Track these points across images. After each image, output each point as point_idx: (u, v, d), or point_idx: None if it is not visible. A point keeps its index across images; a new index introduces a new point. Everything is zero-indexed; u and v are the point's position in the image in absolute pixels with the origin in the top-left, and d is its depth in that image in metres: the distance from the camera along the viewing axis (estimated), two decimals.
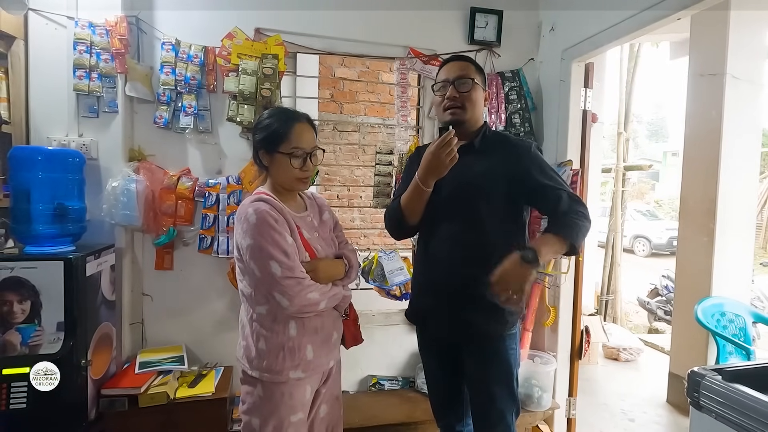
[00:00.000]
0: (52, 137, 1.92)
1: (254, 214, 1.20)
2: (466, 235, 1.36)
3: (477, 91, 1.41)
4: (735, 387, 0.86)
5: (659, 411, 2.85)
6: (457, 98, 1.39)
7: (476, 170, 1.37)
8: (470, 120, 1.42)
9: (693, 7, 1.67)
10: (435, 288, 1.42)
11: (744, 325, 2.53)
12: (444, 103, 1.41)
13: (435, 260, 1.42)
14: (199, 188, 2.10)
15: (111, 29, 1.93)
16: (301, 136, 1.28)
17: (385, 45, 2.36)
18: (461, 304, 1.37)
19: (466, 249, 1.36)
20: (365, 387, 2.44)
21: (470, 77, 1.39)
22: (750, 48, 2.65)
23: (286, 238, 1.21)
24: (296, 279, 1.19)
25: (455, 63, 1.44)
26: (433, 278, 1.44)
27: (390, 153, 2.36)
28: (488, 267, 1.19)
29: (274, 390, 1.24)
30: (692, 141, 2.84)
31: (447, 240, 1.39)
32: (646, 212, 11.78)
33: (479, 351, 1.41)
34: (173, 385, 1.89)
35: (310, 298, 1.21)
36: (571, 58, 2.29)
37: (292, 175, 1.29)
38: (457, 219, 1.38)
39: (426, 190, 1.34)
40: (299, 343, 1.26)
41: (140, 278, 2.12)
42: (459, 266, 1.36)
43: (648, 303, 5.19)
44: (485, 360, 1.40)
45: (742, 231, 2.73)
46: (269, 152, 1.28)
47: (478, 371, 1.42)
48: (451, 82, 1.40)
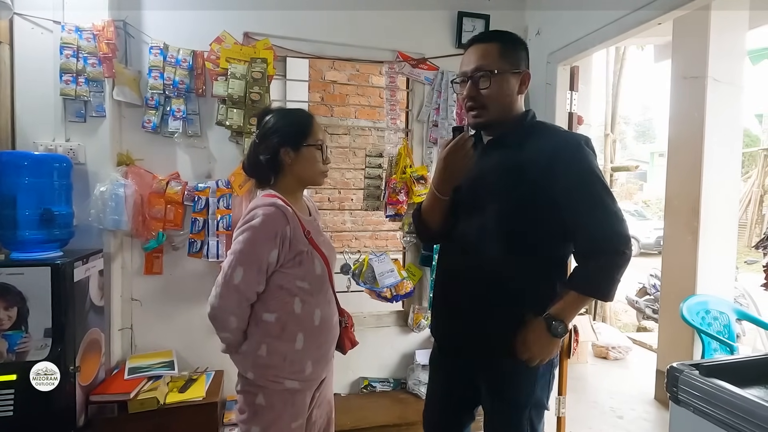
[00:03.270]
0: (39, 142, 1.91)
1: (262, 216, 1.18)
2: (482, 250, 1.16)
3: (503, 81, 1.15)
4: (711, 381, 0.89)
5: (647, 408, 2.89)
6: (477, 97, 1.16)
7: (500, 173, 1.16)
8: (500, 115, 1.18)
9: (673, 12, 1.71)
10: (447, 305, 1.29)
11: (728, 323, 2.58)
12: (465, 102, 1.19)
13: (448, 274, 1.29)
14: (189, 192, 2.10)
15: (98, 33, 1.93)
16: (319, 130, 1.31)
17: (374, 49, 2.38)
18: (471, 329, 1.20)
19: (480, 266, 1.16)
20: (357, 389, 2.45)
21: (490, 69, 1.14)
22: (730, 51, 2.71)
23: (273, 254, 1.18)
24: (242, 296, 1.18)
25: (475, 48, 1.18)
26: (447, 295, 1.28)
27: (380, 156, 2.38)
28: (505, 294, 1.12)
29: (277, 398, 1.23)
30: (676, 142, 2.90)
31: (462, 253, 1.21)
32: (635, 212, 11.92)
33: (496, 379, 1.20)
34: (163, 391, 1.88)
35: (228, 321, 1.20)
36: (556, 62, 2.33)
37: (318, 169, 1.31)
38: (470, 230, 1.19)
39: (443, 198, 1.18)
40: (301, 356, 1.24)
41: (129, 283, 2.11)
42: (471, 285, 1.19)
43: (636, 302, 5.25)
44: (502, 380, 1.19)
45: (726, 230, 2.79)
46: (295, 148, 1.26)
47: (489, 403, 1.23)
48: (469, 76, 1.17)
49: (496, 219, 1.14)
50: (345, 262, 2.30)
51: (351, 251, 2.45)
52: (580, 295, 1.10)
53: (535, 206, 1.11)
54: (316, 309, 1.27)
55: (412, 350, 2.52)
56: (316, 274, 1.27)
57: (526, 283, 1.13)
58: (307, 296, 1.25)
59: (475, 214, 1.18)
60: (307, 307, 1.25)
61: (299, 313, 1.24)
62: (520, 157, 1.14)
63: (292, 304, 1.24)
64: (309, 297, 1.26)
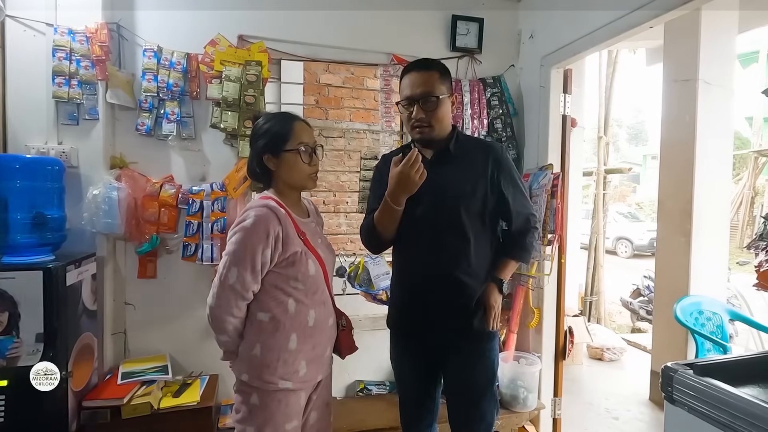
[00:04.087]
0: (31, 145, 1.89)
1: (254, 217, 1.20)
2: (451, 244, 1.38)
3: (443, 104, 1.37)
4: (705, 380, 0.90)
5: (642, 408, 2.90)
6: (424, 118, 1.36)
7: (455, 179, 1.40)
8: (441, 132, 1.41)
9: (664, 15, 1.73)
10: (420, 297, 1.43)
11: (721, 323, 2.60)
12: (411, 121, 1.39)
13: (419, 269, 1.43)
14: (183, 195, 2.09)
15: (91, 36, 1.92)
16: (303, 132, 1.31)
17: (368, 52, 2.39)
18: (448, 312, 1.40)
19: (451, 257, 1.39)
20: (353, 392, 2.44)
21: (434, 95, 1.35)
22: (720, 55, 2.75)
23: (266, 254, 1.20)
24: (237, 296, 1.20)
25: (418, 75, 1.37)
26: (416, 287, 1.44)
27: (375, 158, 2.38)
28: (472, 273, 1.39)
29: (270, 398, 1.23)
30: (668, 144, 2.93)
31: (431, 250, 1.39)
32: (628, 214, 12.02)
33: (464, 352, 1.43)
34: (157, 396, 1.86)
35: (225, 321, 1.21)
36: (550, 65, 2.35)
37: (303, 172, 1.31)
38: (439, 228, 1.39)
39: (398, 209, 1.35)
40: (295, 357, 1.25)
41: (122, 287, 2.09)
42: (445, 274, 1.39)
43: (631, 303, 5.29)
44: (468, 362, 1.43)
45: (718, 231, 2.82)
46: (275, 154, 1.28)
47: (461, 373, 1.44)
48: (416, 100, 1.36)
49: (461, 216, 1.37)
50: (341, 264, 2.29)
51: (346, 254, 2.45)
52: (509, 260, 1.46)
53: (487, 199, 1.40)
54: (311, 310, 1.29)
55: None
56: (311, 275, 1.28)
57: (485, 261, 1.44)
58: (302, 296, 1.27)
59: (439, 217, 1.39)
60: (301, 308, 1.27)
61: (293, 313, 1.26)
62: (467, 164, 1.41)
63: (286, 303, 1.25)
64: (303, 297, 1.27)
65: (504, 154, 1.45)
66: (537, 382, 2.36)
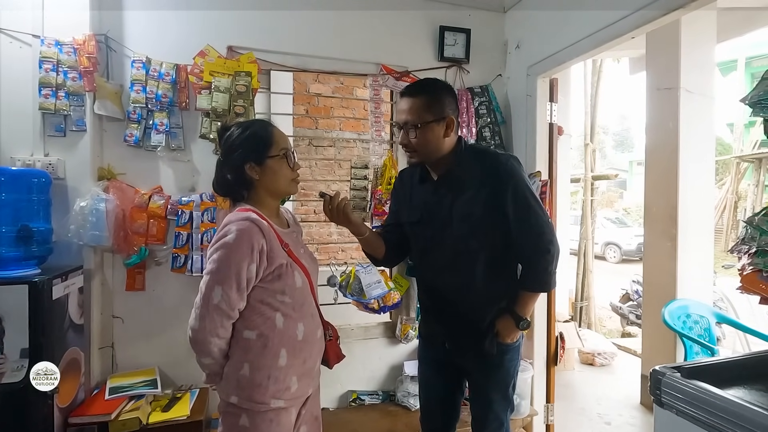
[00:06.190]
0: (16, 157, 1.87)
1: (236, 232, 1.14)
2: (458, 266, 1.42)
3: (427, 131, 1.36)
4: (693, 383, 0.91)
5: (633, 413, 2.92)
6: (408, 144, 1.40)
7: (461, 201, 1.39)
8: (430, 156, 1.41)
9: (645, 26, 1.78)
10: (435, 314, 1.55)
11: (708, 326, 2.64)
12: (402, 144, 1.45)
13: (431, 289, 1.53)
14: (172, 206, 2.07)
15: (79, 47, 1.91)
16: (281, 137, 1.29)
17: (358, 62, 2.41)
18: (460, 331, 1.48)
19: (459, 278, 1.43)
20: (345, 402, 2.42)
21: (414, 123, 1.36)
22: (701, 63, 2.83)
23: (251, 269, 1.15)
24: (223, 316, 1.15)
25: (404, 102, 1.40)
26: (432, 304, 1.54)
27: (365, 167, 2.39)
28: (482, 295, 1.43)
29: (261, 418, 1.18)
30: (653, 151, 2.99)
31: (439, 271, 1.46)
32: (616, 220, 12.19)
33: (482, 364, 1.49)
34: (146, 410, 1.83)
35: (210, 343, 1.15)
36: (536, 74, 2.40)
37: (287, 178, 1.29)
38: (446, 251, 1.43)
39: (361, 237, 1.49)
40: (286, 373, 1.21)
41: (110, 300, 2.06)
42: (454, 295, 1.46)
43: (620, 308, 5.35)
44: (486, 371, 1.49)
45: (702, 235, 2.87)
46: (259, 162, 1.23)
47: (479, 380, 1.52)
48: (401, 126, 1.41)
49: (468, 238, 1.38)
50: (332, 273, 2.29)
51: (338, 263, 2.45)
52: (528, 293, 1.43)
53: (494, 222, 1.37)
54: (299, 323, 1.24)
55: (400, 362, 2.51)
56: (297, 287, 1.25)
57: (501, 282, 1.44)
58: (289, 310, 1.23)
59: (447, 239, 1.41)
60: (289, 322, 1.22)
61: (281, 328, 1.21)
62: (474, 184, 1.38)
63: (273, 319, 1.20)
64: (291, 311, 1.23)
65: (512, 171, 1.38)
66: (529, 389, 2.37)
